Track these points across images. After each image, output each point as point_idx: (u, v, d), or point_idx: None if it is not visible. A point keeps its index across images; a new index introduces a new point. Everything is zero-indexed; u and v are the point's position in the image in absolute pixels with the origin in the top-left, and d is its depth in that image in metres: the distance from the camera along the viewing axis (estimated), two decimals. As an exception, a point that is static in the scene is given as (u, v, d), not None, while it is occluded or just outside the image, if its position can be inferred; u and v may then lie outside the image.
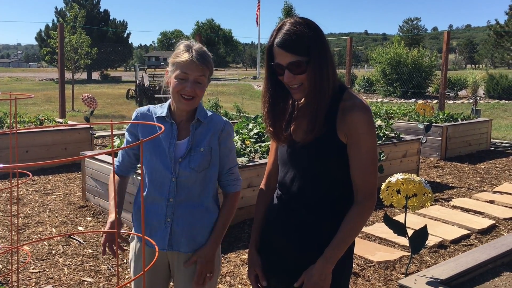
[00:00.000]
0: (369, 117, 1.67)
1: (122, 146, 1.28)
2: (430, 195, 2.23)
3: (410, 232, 3.00)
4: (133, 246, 2.14)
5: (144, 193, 2.03)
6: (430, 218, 5.08)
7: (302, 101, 1.77)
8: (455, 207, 5.55)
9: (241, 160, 4.91)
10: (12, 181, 6.25)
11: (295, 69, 1.63)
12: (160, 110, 2.07)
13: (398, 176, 2.17)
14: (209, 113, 2.09)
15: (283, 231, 1.80)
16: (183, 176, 1.98)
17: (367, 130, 1.65)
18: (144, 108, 2.12)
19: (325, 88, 1.65)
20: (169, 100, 2.07)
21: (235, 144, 5.32)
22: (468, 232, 4.69)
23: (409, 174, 2.18)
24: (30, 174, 1.34)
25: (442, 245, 4.38)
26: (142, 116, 2.08)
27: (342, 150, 1.69)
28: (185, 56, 1.92)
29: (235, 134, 5.74)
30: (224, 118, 2.11)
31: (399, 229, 2.49)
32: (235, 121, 8.43)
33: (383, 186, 2.22)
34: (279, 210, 1.83)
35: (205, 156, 2.01)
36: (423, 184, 2.22)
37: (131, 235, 2.11)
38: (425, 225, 2.18)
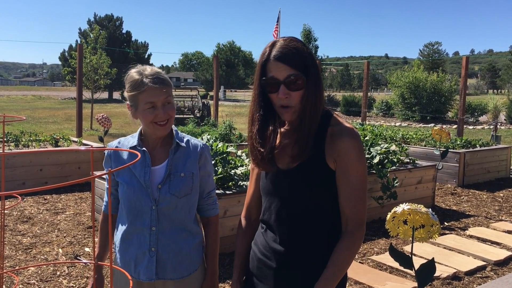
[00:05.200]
0: (359, 142, 1.60)
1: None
2: (437, 226, 2.12)
3: (422, 262, 2.89)
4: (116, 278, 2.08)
5: (125, 226, 1.98)
6: (444, 248, 4.92)
7: (286, 126, 1.70)
8: (471, 236, 5.38)
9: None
10: (10, 202, 6.28)
11: (292, 84, 1.55)
12: (132, 140, 2.02)
13: (404, 206, 2.07)
14: (186, 137, 2.05)
15: (271, 268, 1.70)
16: (164, 202, 1.93)
17: (356, 156, 1.59)
18: (114, 143, 2.09)
19: (318, 110, 1.59)
20: (140, 128, 2.03)
21: (247, 167, 5.26)
22: (484, 263, 4.52)
23: (415, 205, 2.09)
24: (19, 197, 1.30)
25: (456, 276, 4.23)
26: (113, 153, 2.03)
27: (330, 177, 1.61)
28: (142, 86, 1.85)
29: (246, 157, 5.68)
30: (201, 141, 2.07)
31: (405, 261, 2.35)
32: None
33: (388, 216, 2.13)
34: (266, 246, 1.72)
35: (187, 181, 1.96)
36: (430, 215, 2.12)
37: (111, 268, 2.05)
38: (433, 258, 2.07)
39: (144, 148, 1.96)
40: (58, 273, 4.08)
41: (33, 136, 8.24)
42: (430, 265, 2.85)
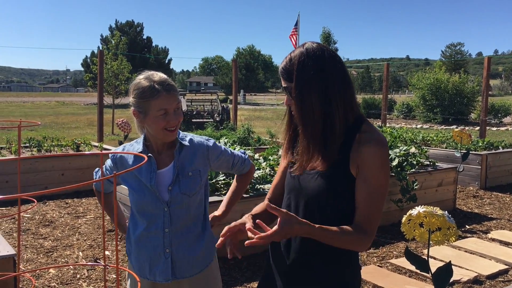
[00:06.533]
0: (385, 152, 1.58)
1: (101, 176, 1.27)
2: (454, 229, 2.09)
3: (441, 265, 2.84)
4: (132, 279, 2.11)
5: (138, 230, 2.02)
6: (465, 251, 4.85)
7: None
8: (493, 239, 5.28)
9: (268, 187, 4.85)
10: (26, 206, 6.38)
11: (290, 95, 1.64)
12: (137, 146, 2.05)
13: (419, 209, 2.06)
14: (188, 136, 2.08)
15: (284, 265, 1.71)
16: (175, 203, 1.96)
17: (380, 165, 1.56)
18: (118, 149, 2.14)
19: (307, 115, 1.59)
20: (143, 134, 2.06)
21: (264, 170, 5.27)
22: (506, 267, 4.44)
23: (431, 207, 2.07)
24: (35, 200, 1.33)
25: (477, 280, 4.16)
26: (118, 158, 2.06)
27: (350, 185, 1.60)
28: (155, 93, 1.88)
29: (263, 160, 5.69)
30: (204, 137, 2.11)
31: (422, 264, 2.34)
32: (267, 146, 8.39)
33: (404, 219, 2.12)
34: (281, 247, 1.73)
35: (195, 179, 1.99)
36: (447, 217, 2.10)
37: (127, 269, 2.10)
38: (450, 261, 2.05)
39: (149, 154, 1.99)
40: (78, 276, 4.14)
41: (55, 141, 8.39)
42: (447, 269, 2.80)
